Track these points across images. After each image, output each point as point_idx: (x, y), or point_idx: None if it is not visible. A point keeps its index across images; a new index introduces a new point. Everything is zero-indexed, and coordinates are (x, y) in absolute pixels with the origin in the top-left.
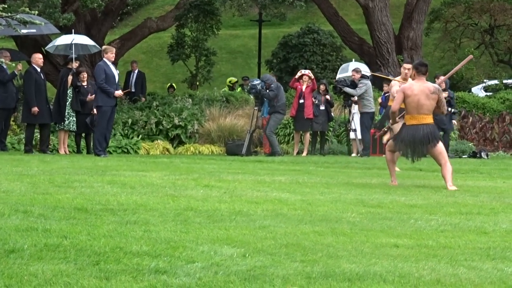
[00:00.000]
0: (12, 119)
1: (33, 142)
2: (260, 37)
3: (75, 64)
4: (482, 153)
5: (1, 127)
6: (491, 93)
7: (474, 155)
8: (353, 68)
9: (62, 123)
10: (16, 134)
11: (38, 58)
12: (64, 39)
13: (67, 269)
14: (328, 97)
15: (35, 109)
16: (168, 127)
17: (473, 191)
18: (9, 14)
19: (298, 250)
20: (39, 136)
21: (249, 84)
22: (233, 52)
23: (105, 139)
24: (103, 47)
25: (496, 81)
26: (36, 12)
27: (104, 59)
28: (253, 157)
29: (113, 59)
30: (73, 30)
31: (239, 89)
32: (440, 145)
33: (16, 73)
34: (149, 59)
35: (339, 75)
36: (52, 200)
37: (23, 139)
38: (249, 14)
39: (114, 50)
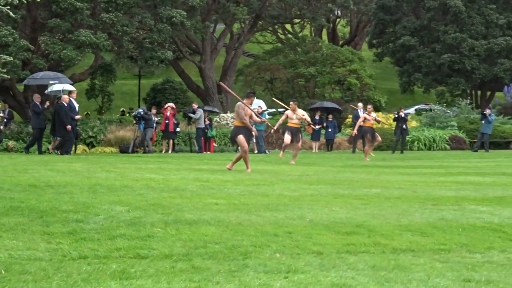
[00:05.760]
0: None
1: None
2: (139, 84)
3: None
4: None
5: (37, 140)
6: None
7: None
8: (255, 102)
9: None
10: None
11: (66, 98)
12: (58, 86)
13: (23, 220)
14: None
15: (69, 127)
16: (85, 137)
17: (259, 172)
18: None
19: (160, 207)
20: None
21: (136, 111)
22: (124, 93)
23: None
24: (66, 89)
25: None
26: (5, 70)
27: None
28: (135, 154)
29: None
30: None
31: (127, 114)
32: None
33: (46, 107)
34: None
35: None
36: (15, 180)
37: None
38: (133, 71)
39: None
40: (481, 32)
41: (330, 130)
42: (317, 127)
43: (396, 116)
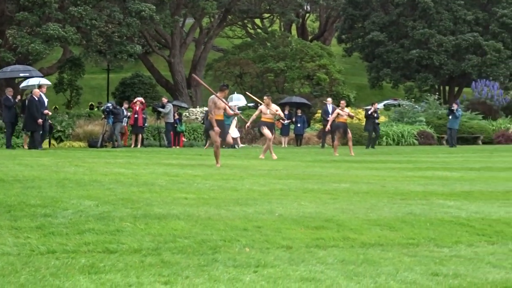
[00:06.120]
0: None
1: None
2: (108, 79)
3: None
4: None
5: (10, 133)
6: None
7: None
8: (234, 98)
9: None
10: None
11: (37, 92)
12: (34, 80)
13: None
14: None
15: (40, 120)
16: (54, 131)
17: (228, 167)
18: None
19: (129, 202)
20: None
21: (104, 105)
22: (92, 87)
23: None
24: (41, 84)
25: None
26: None
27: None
28: (103, 148)
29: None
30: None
31: (96, 109)
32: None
33: (17, 101)
34: None
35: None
36: None
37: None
38: (102, 65)
39: (46, 86)
40: (449, 28)
41: (299, 125)
42: (286, 122)
43: (369, 113)
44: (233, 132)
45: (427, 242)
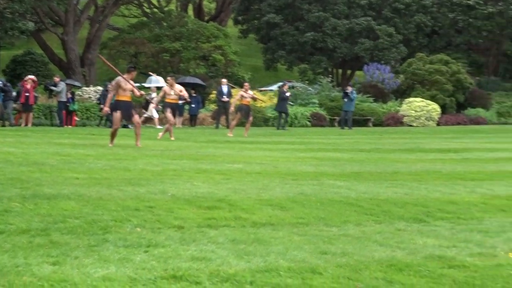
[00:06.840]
0: None
1: None
2: None
3: None
4: None
5: None
6: None
7: None
8: (153, 80)
9: None
10: None
11: None
12: None
13: None
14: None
15: None
16: None
17: (123, 147)
18: None
19: (18, 182)
20: None
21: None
22: None
23: None
24: None
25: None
26: None
27: None
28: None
29: None
30: None
31: None
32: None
33: None
34: None
35: (147, 84)
36: None
37: None
38: None
39: None
40: (343, 11)
41: (193, 105)
42: (181, 102)
43: (287, 95)
44: (154, 113)
45: (316, 221)
